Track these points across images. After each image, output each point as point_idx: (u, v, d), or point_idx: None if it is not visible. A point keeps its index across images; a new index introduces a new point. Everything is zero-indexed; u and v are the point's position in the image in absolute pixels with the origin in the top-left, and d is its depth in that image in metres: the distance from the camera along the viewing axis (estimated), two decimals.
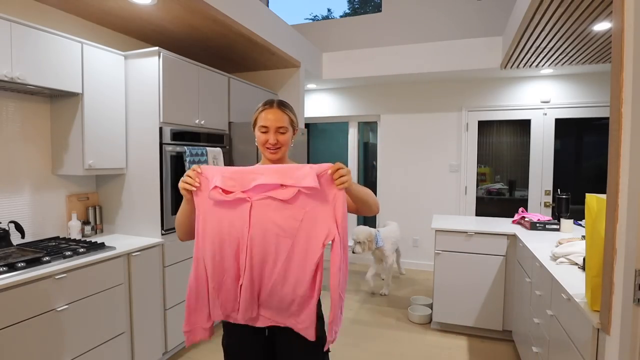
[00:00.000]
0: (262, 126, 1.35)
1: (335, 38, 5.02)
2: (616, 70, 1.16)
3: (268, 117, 1.35)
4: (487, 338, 2.95)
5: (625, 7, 1.11)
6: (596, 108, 4.19)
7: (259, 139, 1.38)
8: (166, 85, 2.51)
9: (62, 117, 2.34)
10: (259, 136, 1.37)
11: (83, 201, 2.61)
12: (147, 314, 2.38)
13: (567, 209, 2.85)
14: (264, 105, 1.39)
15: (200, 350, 2.76)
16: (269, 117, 1.35)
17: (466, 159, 4.64)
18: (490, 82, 4.52)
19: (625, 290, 1.12)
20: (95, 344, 2.03)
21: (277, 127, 1.35)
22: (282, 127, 1.35)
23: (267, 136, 1.35)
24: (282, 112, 1.36)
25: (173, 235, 2.59)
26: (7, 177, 2.19)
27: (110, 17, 2.61)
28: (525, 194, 4.48)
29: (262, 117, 1.36)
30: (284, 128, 1.36)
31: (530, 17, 2.48)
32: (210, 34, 2.97)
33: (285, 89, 4.07)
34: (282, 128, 1.36)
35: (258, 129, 1.37)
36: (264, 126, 1.35)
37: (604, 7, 2.25)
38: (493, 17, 4.34)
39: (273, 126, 1.34)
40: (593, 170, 4.40)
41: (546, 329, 1.89)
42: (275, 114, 1.35)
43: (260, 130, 1.36)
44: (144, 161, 2.53)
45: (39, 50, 2.01)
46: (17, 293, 1.66)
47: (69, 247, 2.11)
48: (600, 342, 1.28)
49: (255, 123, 1.39)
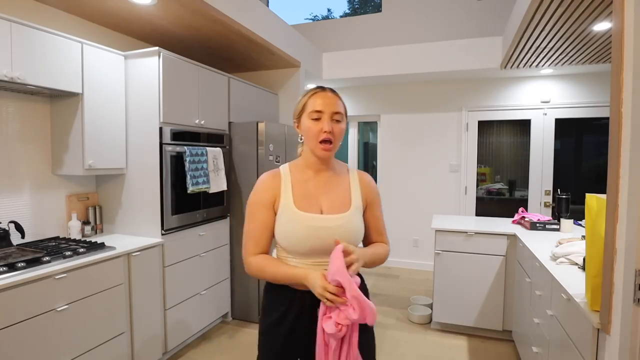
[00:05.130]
0: (315, 111, 1.15)
1: (335, 38, 5.02)
2: (616, 70, 1.16)
3: (323, 101, 1.15)
4: (487, 338, 2.95)
5: (625, 7, 1.11)
6: (596, 108, 4.19)
7: (308, 131, 1.16)
8: (166, 85, 2.51)
9: (62, 117, 2.34)
10: (309, 126, 1.16)
11: (83, 201, 2.61)
12: (147, 314, 2.37)
13: (567, 209, 2.85)
14: (314, 89, 1.20)
15: (200, 351, 2.76)
16: (323, 100, 1.15)
17: (466, 159, 4.64)
18: (490, 82, 4.52)
19: (625, 290, 1.12)
20: (95, 344, 2.03)
21: (334, 112, 1.15)
22: (338, 112, 1.16)
23: (321, 124, 1.14)
24: (337, 98, 1.18)
25: (173, 235, 2.60)
26: (7, 177, 2.19)
27: (110, 17, 2.61)
28: (525, 194, 4.48)
29: (314, 101, 1.16)
30: (340, 115, 1.17)
31: (530, 17, 2.48)
32: (210, 34, 2.97)
33: (285, 89, 4.07)
34: (338, 114, 1.16)
35: (307, 117, 1.17)
36: (317, 111, 1.14)
37: (604, 7, 2.25)
38: (493, 17, 4.34)
39: (329, 110, 1.15)
40: (593, 170, 4.40)
41: (546, 329, 1.89)
42: (330, 97, 1.17)
43: (310, 117, 1.16)
44: (144, 161, 2.53)
45: (39, 50, 2.01)
46: (17, 293, 1.66)
47: (69, 247, 2.11)
48: (600, 342, 1.28)
49: (303, 110, 1.19)
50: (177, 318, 2.62)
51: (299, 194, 1.20)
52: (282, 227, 1.17)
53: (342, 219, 1.18)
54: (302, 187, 1.21)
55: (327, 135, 1.14)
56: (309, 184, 1.22)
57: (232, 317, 3.30)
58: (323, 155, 1.18)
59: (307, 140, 1.20)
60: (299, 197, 1.19)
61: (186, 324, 2.72)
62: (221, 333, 3.05)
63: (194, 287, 2.80)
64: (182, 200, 2.66)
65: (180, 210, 2.65)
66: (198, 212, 2.83)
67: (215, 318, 3.07)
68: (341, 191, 1.24)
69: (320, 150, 1.16)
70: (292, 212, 1.16)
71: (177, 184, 2.61)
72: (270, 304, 1.24)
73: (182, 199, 2.66)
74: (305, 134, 1.19)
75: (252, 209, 1.21)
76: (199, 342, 2.89)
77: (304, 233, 1.14)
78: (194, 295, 2.79)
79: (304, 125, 1.18)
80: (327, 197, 1.21)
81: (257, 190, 1.22)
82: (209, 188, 2.80)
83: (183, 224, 2.69)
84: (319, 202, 1.20)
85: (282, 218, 1.18)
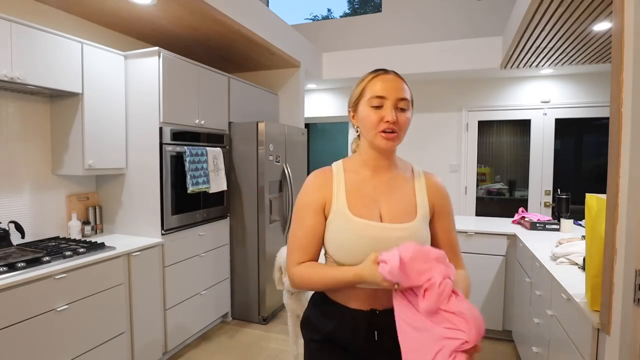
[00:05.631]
0: (376, 97, 0.97)
1: (335, 38, 5.02)
2: (616, 70, 1.16)
3: (385, 85, 0.98)
4: (487, 338, 2.95)
5: (625, 7, 1.11)
6: (596, 108, 4.19)
7: (367, 120, 0.99)
8: (166, 85, 2.51)
9: (62, 117, 2.34)
10: (369, 115, 0.98)
11: (83, 201, 2.61)
12: (147, 314, 2.37)
13: (567, 209, 2.85)
14: (374, 72, 1.02)
15: (200, 350, 2.76)
16: (386, 84, 0.98)
17: (466, 159, 4.64)
18: (490, 82, 4.52)
19: (625, 290, 1.12)
20: (95, 344, 2.03)
21: (398, 98, 0.97)
22: (404, 99, 0.98)
23: (383, 112, 0.97)
24: (402, 81, 1.01)
25: (173, 235, 2.60)
26: (7, 177, 2.19)
27: (110, 17, 2.60)
28: (525, 194, 4.48)
29: (375, 85, 0.99)
30: (405, 102, 0.98)
31: (530, 17, 2.48)
32: (210, 33, 2.97)
33: (285, 89, 4.07)
34: (403, 101, 0.98)
35: (367, 104, 0.99)
36: (379, 97, 0.97)
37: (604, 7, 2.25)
38: (493, 17, 4.34)
39: (392, 96, 0.97)
40: (593, 170, 4.40)
41: (546, 329, 1.89)
42: (394, 81, 0.99)
43: (370, 104, 0.98)
44: (144, 161, 2.53)
45: (39, 50, 2.01)
46: (17, 293, 1.66)
47: (69, 247, 2.11)
48: (600, 342, 1.28)
49: (361, 97, 1.02)
50: (177, 318, 2.62)
51: (354, 196, 1.02)
52: (334, 235, 1.00)
53: (407, 230, 0.98)
54: (358, 189, 1.04)
55: (389, 125, 0.96)
56: (367, 185, 1.04)
57: (232, 317, 3.30)
58: (385, 145, 0.98)
59: (364, 131, 1.01)
60: (354, 200, 1.02)
61: (186, 324, 2.72)
62: (221, 333, 3.05)
63: (194, 287, 2.80)
64: (182, 200, 2.66)
65: (180, 210, 2.65)
66: (198, 212, 2.83)
67: (215, 318, 3.07)
68: (405, 195, 1.05)
69: (381, 139, 0.98)
70: (346, 218, 0.99)
71: (177, 184, 2.61)
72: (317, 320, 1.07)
73: (182, 199, 2.66)
74: (363, 124, 1.01)
75: (299, 212, 1.05)
76: (199, 342, 2.89)
77: (359, 244, 0.97)
78: (194, 295, 2.79)
79: (362, 114, 1.00)
80: (387, 202, 1.02)
81: (305, 191, 1.06)
82: (209, 188, 2.80)
83: (183, 224, 2.69)
84: (378, 207, 1.02)
85: (334, 224, 1.00)
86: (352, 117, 1.07)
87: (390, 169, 1.07)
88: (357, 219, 0.99)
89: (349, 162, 1.10)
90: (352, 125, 1.08)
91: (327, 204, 1.03)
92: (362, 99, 1.01)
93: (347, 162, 1.10)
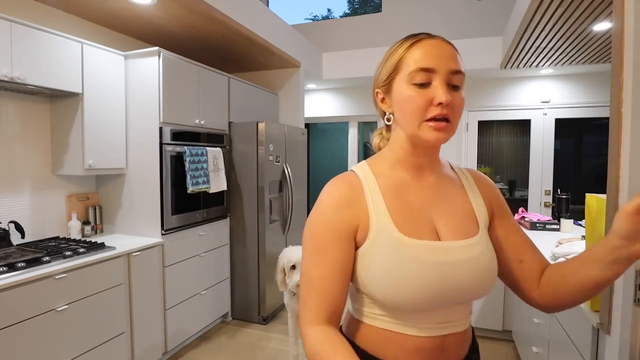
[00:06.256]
0: (421, 70, 0.69)
1: (335, 38, 5.02)
2: (616, 70, 1.16)
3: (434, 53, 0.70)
4: (487, 338, 2.95)
5: (625, 7, 1.11)
6: (596, 108, 4.19)
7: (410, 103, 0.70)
8: (166, 85, 2.51)
9: (62, 117, 2.34)
10: (412, 95, 0.70)
11: (83, 201, 2.61)
12: (147, 314, 2.37)
13: (567, 209, 2.85)
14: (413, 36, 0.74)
15: (200, 350, 2.76)
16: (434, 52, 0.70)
17: (466, 159, 4.64)
18: (490, 82, 4.52)
19: (625, 290, 1.12)
20: (95, 344, 2.03)
21: (452, 70, 0.69)
22: (458, 72, 0.70)
23: (432, 92, 0.69)
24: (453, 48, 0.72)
25: (173, 235, 2.60)
26: (7, 177, 2.19)
27: (110, 17, 2.60)
28: (525, 194, 4.48)
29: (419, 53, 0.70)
30: (461, 77, 0.71)
31: (530, 17, 2.48)
32: (210, 34, 2.97)
33: (285, 89, 4.07)
34: (458, 75, 0.70)
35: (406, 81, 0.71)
36: (425, 69, 0.69)
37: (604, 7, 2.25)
38: (493, 17, 4.34)
39: (444, 68, 0.69)
40: (593, 170, 4.40)
41: (546, 329, 1.89)
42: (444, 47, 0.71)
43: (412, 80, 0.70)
44: (144, 161, 2.53)
45: (39, 50, 2.01)
46: (17, 293, 1.66)
47: (69, 247, 2.11)
48: (600, 342, 1.28)
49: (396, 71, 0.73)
50: (177, 318, 2.62)
51: (397, 209, 0.74)
52: (378, 269, 0.70)
53: (475, 247, 0.73)
54: (400, 199, 0.75)
55: (441, 109, 0.68)
56: (409, 193, 0.77)
57: (232, 317, 3.30)
58: (434, 139, 0.70)
59: (404, 119, 0.73)
60: (400, 214, 0.73)
61: (186, 324, 2.72)
62: (221, 333, 3.05)
63: (194, 287, 2.80)
64: (182, 200, 2.66)
65: (180, 210, 2.65)
66: (198, 212, 2.83)
67: (215, 318, 3.07)
68: (459, 202, 0.79)
69: (429, 130, 0.70)
70: (396, 242, 0.70)
71: (177, 184, 2.61)
72: None
73: (182, 199, 2.66)
74: (402, 109, 0.72)
75: (317, 241, 0.73)
76: (199, 342, 2.89)
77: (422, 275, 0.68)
78: (194, 295, 2.79)
79: (400, 95, 0.72)
80: (441, 213, 0.76)
81: (324, 209, 0.74)
82: (209, 188, 2.80)
83: (183, 224, 2.69)
84: (430, 220, 0.75)
85: (378, 252, 0.71)
86: (381, 101, 0.79)
87: (434, 168, 0.80)
88: (411, 240, 0.71)
89: (376, 163, 0.80)
90: (378, 113, 0.80)
91: (362, 226, 0.73)
92: (399, 73, 0.72)
93: (373, 163, 0.80)
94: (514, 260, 0.80)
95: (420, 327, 0.72)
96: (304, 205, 3.85)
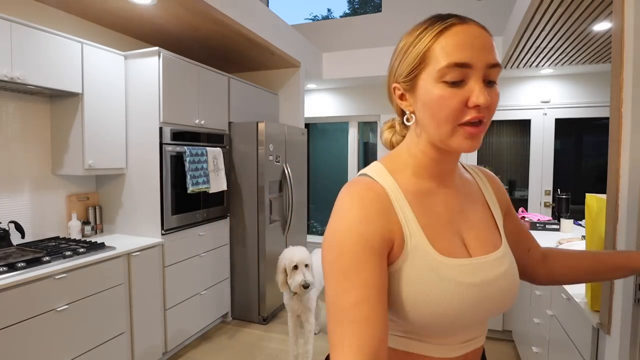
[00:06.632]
0: (456, 65, 0.58)
1: (335, 38, 5.02)
2: (616, 70, 1.16)
3: (470, 43, 0.59)
4: (487, 338, 2.95)
5: (625, 7, 1.11)
6: (596, 108, 4.19)
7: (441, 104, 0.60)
8: (166, 85, 2.51)
9: (62, 117, 2.34)
10: (444, 95, 0.59)
11: (83, 201, 2.61)
12: (147, 314, 2.37)
13: (567, 209, 2.85)
14: (441, 19, 0.63)
15: (200, 350, 2.76)
16: (471, 42, 0.59)
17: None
18: None
19: (625, 290, 1.12)
20: (95, 344, 2.03)
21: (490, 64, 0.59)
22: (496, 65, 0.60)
23: (467, 91, 0.59)
24: (489, 35, 0.62)
25: (173, 235, 2.60)
26: (7, 177, 2.19)
27: (110, 17, 2.61)
28: (525, 194, 4.48)
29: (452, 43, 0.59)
30: (498, 70, 0.61)
31: (530, 17, 2.48)
32: (210, 34, 2.97)
33: (285, 89, 4.07)
34: (495, 69, 0.60)
35: (436, 78, 0.60)
36: (461, 64, 0.58)
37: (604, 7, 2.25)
38: (493, 17, 4.34)
39: (482, 62, 0.59)
40: (593, 170, 4.39)
41: (546, 329, 1.89)
42: (481, 37, 0.60)
43: (443, 77, 0.59)
44: (144, 161, 2.53)
45: (39, 50, 2.01)
46: (17, 293, 1.66)
47: (69, 247, 2.11)
48: (600, 342, 1.28)
49: (424, 63, 0.61)
50: (177, 318, 2.62)
51: (427, 224, 0.65)
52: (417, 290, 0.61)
53: (504, 260, 0.68)
54: (428, 211, 0.67)
55: (478, 111, 0.59)
56: (436, 204, 0.68)
57: (232, 317, 3.30)
58: (469, 147, 0.61)
59: (432, 123, 0.62)
60: (432, 230, 0.65)
61: (186, 324, 2.72)
62: (221, 333, 3.05)
63: (194, 287, 2.80)
64: (182, 200, 2.66)
65: (180, 210, 2.65)
66: (198, 212, 2.83)
67: (215, 318, 3.07)
68: (481, 210, 0.74)
69: (462, 138, 0.60)
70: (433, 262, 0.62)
71: (177, 184, 2.61)
72: None
73: (182, 199, 2.66)
74: (430, 112, 0.61)
75: (347, 261, 0.58)
76: (199, 342, 2.89)
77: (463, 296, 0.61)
78: (194, 295, 2.79)
79: (429, 95, 0.61)
80: (468, 225, 0.70)
81: (351, 221, 0.60)
82: (209, 188, 2.80)
83: (183, 224, 2.69)
84: (460, 234, 0.68)
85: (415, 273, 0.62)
86: (399, 98, 0.67)
87: (455, 173, 0.72)
88: (447, 259, 0.63)
89: (395, 167, 0.69)
90: (395, 111, 0.70)
91: (397, 242, 0.62)
92: (426, 68, 0.61)
93: (392, 167, 0.69)
94: (524, 250, 0.85)
95: (444, 346, 0.65)
96: (304, 205, 3.85)
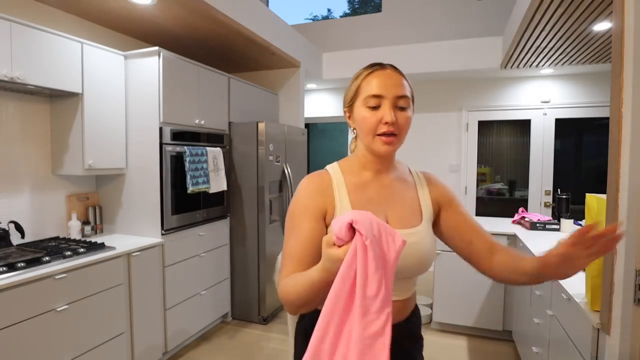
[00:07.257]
0: (373, 96, 0.89)
1: (335, 38, 5.02)
2: (616, 70, 1.16)
3: (381, 82, 0.89)
4: (487, 338, 2.95)
5: (625, 7, 1.11)
6: (596, 108, 4.19)
7: (363, 122, 0.91)
8: (166, 85, 2.51)
9: (62, 117, 2.34)
10: (366, 116, 0.90)
11: (83, 201, 2.61)
12: (147, 314, 2.37)
13: (567, 209, 2.85)
14: (370, 67, 0.93)
15: (200, 350, 2.76)
16: (383, 81, 0.89)
17: (466, 159, 4.64)
18: (490, 82, 4.52)
19: (625, 290, 1.12)
20: (95, 344, 2.03)
21: (397, 96, 0.89)
22: (403, 96, 0.89)
23: (380, 113, 0.89)
24: (400, 76, 0.92)
25: (173, 235, 2.59)
26: (7, 177, 2.19)
27: (110, 17, 2.60)
28: (525, 194, 4.48)
29: (372, 82, 0.90)
30: (405, 100, 0.90)
31: (530, 17, 2.48)
32: (210, 34, 2.97)
33: (285, 89, 4.07)
34: (403, 99, 0.90)
35: (362, 104, 0.91)
36: (375, 95, 0.89)
37: (604, 7, 2.25)
38: (493, 17, 4.34)
39: (390, 94, 0.88)
40: (593, 170, 4.40)
41: (546, 329, 1.89)
42: (392, 77, 0.90)
43: (366, 104, 0.90)
44: (144, 161, 2.53)
45: (39, 50, 2.01)
46: (17, 293, 1.66)
47: (68, 247, 2.11)
48: (600, 342, 1.28)
49: (356, 96, 0.93)
50: (177, 318, 2.62)
51: (358, 201, 0.93)
52: None
53: (415, 235, 0.92)
54: (361, 193, 0.95)
55: (388, 127, 0.88)
56: (369, 189, 0.96)
57: (232, 317, 3.30)
58: (384, 151, 0.91)
59: (361, 134, 0.93)
60: (359, 205, 0.92)
61: (186, 324, 2.71)
62: (221, 333, 3.05)
63: (194, 287, 2.80)
64: (182, 200, 2.66)
65: (180, 210, 2.65)
66: (198, 212, 2.83)
67: (215, 318, 3.07)
68: (409, 198, 0.98)
69: (380, 144, 0.90)
70: None
71: (177, 184, 2.61)
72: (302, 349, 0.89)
73: (182, 199, 2.66)
74: (360, 126, 0.93)
75: (294, 220, 0.91)
76: (199, 342, 2.89)
77: None
78: (194, 295, 2.79)
79: (358, 115, 0.92)
80: (393, 206, 0.95)
81: (300, 196, 0.93)
82: (209, 188, 2.80)
83: (183, 224, 2.69)
84: (385, 212, 0.94)
85: None
86: (347, 118, 0.99)
87: (391, 170, 1.00)
88: None
89: (346, 164, 1.00)
90: (349, 126, 1.00)
91: (329, 211, 0.91)
92: (358, 98, 0.92)
93: (343, 164, 1.00)
94: (465, 242, 0.99)
95: None
96: None
